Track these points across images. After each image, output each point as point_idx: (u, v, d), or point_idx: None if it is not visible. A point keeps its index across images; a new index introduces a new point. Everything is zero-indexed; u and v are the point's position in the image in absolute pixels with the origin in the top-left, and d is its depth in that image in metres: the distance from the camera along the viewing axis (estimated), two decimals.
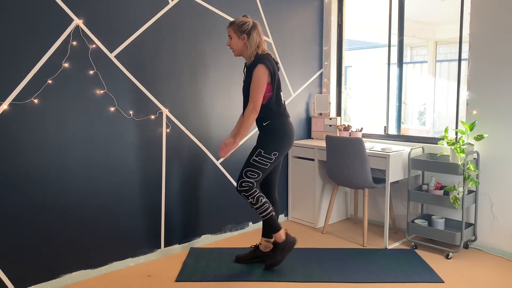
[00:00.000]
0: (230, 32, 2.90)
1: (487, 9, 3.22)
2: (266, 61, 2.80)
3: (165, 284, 2.82)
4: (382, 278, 2.88)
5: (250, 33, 2.85)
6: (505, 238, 3.24)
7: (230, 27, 2.90)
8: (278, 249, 2.96)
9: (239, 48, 2.90)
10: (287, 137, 2.92)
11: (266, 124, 2.89)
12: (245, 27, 2.85)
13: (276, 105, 2.89)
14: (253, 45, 2.85)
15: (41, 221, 2.67)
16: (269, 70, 2.80)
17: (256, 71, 2.80)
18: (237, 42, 2.88)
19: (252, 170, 2.84)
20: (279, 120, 2.89)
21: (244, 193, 2.84)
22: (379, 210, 4.04)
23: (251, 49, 2.86)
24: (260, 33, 2.90)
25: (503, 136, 3.21)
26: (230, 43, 2.92)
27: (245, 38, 2.86)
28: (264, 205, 2.86)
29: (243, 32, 2.85)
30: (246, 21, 2.88)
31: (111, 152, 2.95)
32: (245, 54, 2.91)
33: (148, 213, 3.18)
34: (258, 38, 2.87)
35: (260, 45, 2.87)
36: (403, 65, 3.93)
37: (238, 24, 2.87)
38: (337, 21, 4.32)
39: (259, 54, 2.85)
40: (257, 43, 2.86)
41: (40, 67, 2.59)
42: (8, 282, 2.56)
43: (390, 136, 3.97)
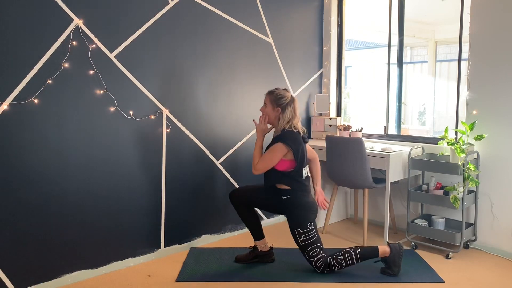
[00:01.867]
0: (266, 101, 2.94)
1: (487, 9, 3.22)
2: (288, 141, 2.82)
3: (165, 284, 2.82)
4: (382, 279, 2.88)
5: (285, 108, 2.87)
6: (505, 238, 3.24)
7: (267, 96, 2.94)
8: (390, 262, 2.89)
9: (271, 118, 2.94)
10: (311, 204, 2.93)
11: (285, 198, 2.89)
12: (282, 101, 2.88)
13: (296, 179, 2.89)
14: (285, 120, 2.87)
15: (41, 221, 2.67)
16: (289, 150, 2.82)
17: (274, 146, 2.84)
18: (271, 113, 2.92)
19: (310, 249, 2.87)
20: (299, 192, 2.90)
21: (328, 270, 2.88)
22: (379, 210, 4.04)
23: (282, 123, 2.88)
24: (296, 108, 2.91)
25: (503, 136, 3.21)
26: (264, 110, 2.96)
27: (279, 111, 2.88)
28: (346, 257, 2.87)
29: (279, 105, 2.88)
30: (285, 95, 2.90)
31: (111, 152, 2.95)
32: (275, 124, 2.95)
33: (148, 213, 3.18)
34: (292, 114, 2.88)
35: (291, 120, 2.88)
36: (403, 65, 3.93)
37: (276, 96, 2.89)
38: (337, 21, 4.32)
39: (285, 131, 2.87)
40: (289, 118, 2.87)
41: (40, 67, 2.59)
42: (8, 282, 2.56)
43: (390, 136, 3.97)
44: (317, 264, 2.88)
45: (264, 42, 3.84)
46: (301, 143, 2.87)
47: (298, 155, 2.84)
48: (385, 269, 2.92)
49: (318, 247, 2.88)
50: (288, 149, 2.82)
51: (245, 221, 3.11)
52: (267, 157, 2.85)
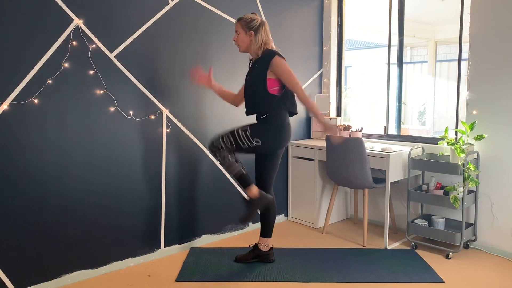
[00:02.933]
0: (237, 28, 2.93)
1: (487, 9, 3.22)
2: (280, 54, 2.84)
3: (165, 284, 2.82)
4: (382, 278, 2.88)
5: (257, 30, 2.87)
6: (505, 238, 3.24)
7: (238, 23, 2.93)
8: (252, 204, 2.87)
9: (245, 43, 2.92)
10: (283, 133, 2.90)
11: (263, 118, 2.88)
12: (253, 24, 2.88)
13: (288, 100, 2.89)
14: (259, 42, 2.87)
15: (41, 221, 2.67)
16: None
17: (280, 64, 2.81)
18: (244, 38, 2.90)
19: (229, 138, 2.83)
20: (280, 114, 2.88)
21: (212, 151, 2.86)
22: (379, 210, 4.04)
23: (256, 45, 2.88)
24: (268, 31, 2.92)
25: (503, 136, 3.21)
26: (237, 38, 2.94)
27: (252, 34, 2.88)
28: (231, 163, 2.83)
29: (251, 28, 2.88)
30: (255, 18, 2.90)
31: (111, 152, 2.95)
32: (251, 50, 2.93)
33: (148, 213, 3.18)
34: (265, 37, 2.89)
35: (267, 42, 2.89)
36: (403, 65, 3.93)
37: (246, 20, 2.89)
38: (337, 21, 4.32)
39: (269, 49, 2.87)
40: (263, 40, 2.88)
41: (40, 67, 2.59)
42: (8, 282, 2.56)
43: (390, 136, 3.97)
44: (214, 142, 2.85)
45: None
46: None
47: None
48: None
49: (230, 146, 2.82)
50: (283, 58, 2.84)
51: (262, 214, 3.06)
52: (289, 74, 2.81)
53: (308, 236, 3.72)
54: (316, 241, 3.60)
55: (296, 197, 4.11)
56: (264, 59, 2.84)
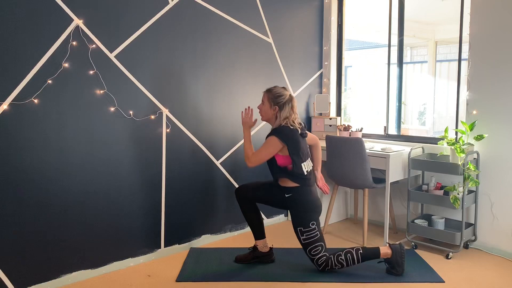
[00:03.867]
0: (264, 98, 2.94)
1: (487, 9, 3.22)
2: (283, 136, 2.82)
3: (165, 284, 2.82)
4: (382, 278, 2.88)
5: (283, 107, 2.86)
6: (505, 238, 3.24)
7: (265, 94, 2.93)
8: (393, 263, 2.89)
9: (268, 116, 2.93)
10: (314, 203, 2.91)
11: (288, 196, 2.89)
12: (280, 100, 2.87)
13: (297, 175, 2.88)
14: (282, 118, 2.87)
15: (41, 221, 2.67)
16: (283, 145, 2.81)
17: (269, 140, 2.85)
18: (268, 111, 2.91)
19: (312, 248, 2.87)
20: (302, 190, 2.89)
21: (329, 268, 2.89)
22: (379, 210, 4.04)
23: (279, 121, 2.88)
24: (294, 107, 2.90)
25: (503, 136, 3.21)
26: (261, 107, 2.95)
27: (276, 109, 2.88)
28: (348, 257, 2.87)
29: (277, 103, 2.87)
30: (283, 94, 2.89)
31: (111, 152, 2.95)
32: (272, 122, 2.95)
33: (148, 213, 3.18)
34: (289, 112, 2.87)
35: (288, 117, 2.87)
36: (403, 65, 3.93)
37: (275, 95, 2.89)
38: (337, 21, 4.32)
39: (281, 126, 2.86)
40: (285, 116, 2.87)
41: (40, 67, 2.59)
42: (8, 282, 2.56)
43: (390, 136, 3.97)
44: (319, 262, 2.88)
45: (264, 42, 3.84)
46: (296, 137, 2.85)
47: (293, 150, 2.83)
48: (389, 269, 2.92)
49: (320, 246, 2.88)
50: (282, 144, 2.82)
51: (247, 219, 3.11)
52: (262, 151, 2.85)
53: None
54: None
55: None
56: (273, 132, 2.88)
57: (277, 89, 2.92)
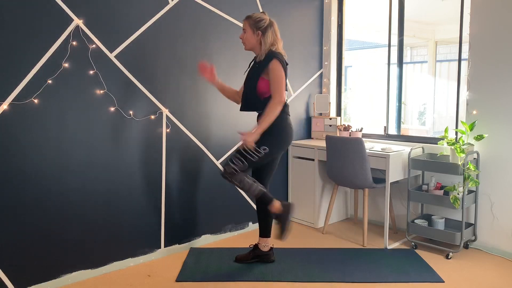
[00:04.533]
0: (245, 26, 2.89)
1: (487, 9, 3.22)
2: (280, 57, 2.80)
3: (165, 284, 2.82)
4: (382, 278, 2.88)
5: (265, 31, 2.84)
6: (505, 238, 3.24)
7: (246, 21, 2.88)
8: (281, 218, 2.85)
9: (252, 43, 2.88)
10: (285, 135, 2.87)
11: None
12: (262, 24, 2.84)
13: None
14: (267, 43, 2.83)
15: (41, 221, 2.67)
16: (283, 66, 2.80)
17: (274, 67, 2.77)
18: (251, 37, 2.87)
19: (238, 158, 2.79)
20: (280, 117, 2.83)
21: (229, 180, 2.81)
22: (379, 210, 4.04)
23: (264, 46, 2.84)
24: (276, 31, 2.87)
25: (503, 136, 3.21)
26: (243, 36, 2.90)
27: (260, 35, 2.84)
28: (251, 184, 2.81)
29: (259, 28, 2.84)
30: (263, 18, 2.86)
31: (111, 152, 2.95)
32: (257, 50, 2.90)
33: (148, 213, 3.18)
34: (273, 37, 2.85)
35: (274, 43, 2.85)
36: (403, 65, 3.93)
37: (255, 20, 2.85)
38: (337, 21, 4.32)
39: (272, 51, 2.83)
40: (271, 41, 2.84)
41: (40, 67, 2.59)
42: (8, 282, 2.56)
43: (390, 136, 3.97)
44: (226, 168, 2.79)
45: None
46: (285, 64, 2.84)
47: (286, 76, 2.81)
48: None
49: (242, 165, 2.76)
50: (282, 65, 2.78)
51: (259, 213, 3.07)
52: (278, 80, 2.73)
53: (308, 236, 3.72)
54: (316, 241, 3.60)
55: (296, 197, 4.11)
56: (264, 60, 2.83)
57: (256, 14, 2.89)
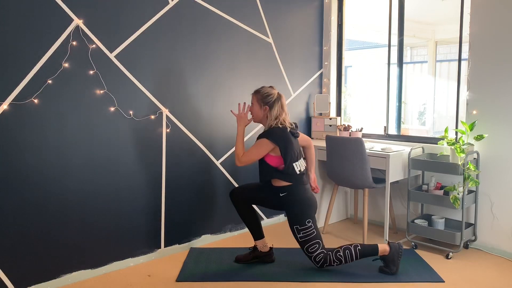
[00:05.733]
0: (253, 100, 2.96)
1: (487, 9, 3.22)
2: (274, 137, 2.83)
3: (165, 284, 2.82)
4: (382, 278, 2.88)
5: (272, 106, 2.88)
6: (505, 238, 3.24)
7: (254, 95, 2.95)
8: (389, 261, 2.90)
9: (259, 117, 2.95)
10: (308, 201, 2.92)
11: (283, 196, 2.89)
12: (269, 99, 2.89)
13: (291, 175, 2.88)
14: (272, 117, 2.88)
15: (41, 221, 2.67)
16: (275, 146, 2.83)
17: (260, 141, 2.86)
18: (258, 111, 2.93)
19: (309, 245, 2.87)
20: (295, 189, 2.89)
21: (327, 264, 2.89)
22: (379, 210, 4.04)
23: (270, 120, 2.89)
24: (283, 105, 2.92)
25: (503, 136, 3.21)
26: (251, 109, 2.98)
27: (267, 109, 2.90)
28: (346, 254, 2.87)
29: (266, 103, 2.89)
30: (271, 93, 2.91)
31: (111, 152, 2.95)
32: (264, 122, 2.96)
33: (148, 213, 3.18)
34: (279, 111, 2.89)
35: (279, 116, 2.89)
36: (403, 65, 3.93)
37: (263, 95, 2.90)
38: (337, 21, 4.32)
39: (272, 127, 2.87)
40: (276, 114, 2.88)
41: (40, 67, 2.59)
42: (8, 282, 2.56)
43: (390, 136, 3.97)
44: (317, 259, 2.89)
45: (264, 42, 3.84)
46: (288, 138, 2.86)
47: (285, 150, 2.83)
48: (383, 267, 2.93)
49: (317, 243, 2.88)
50: (274, 144, 2.83)
51: (244, 220, 3.11)
52: (252, 151, 2.86)
53: None
54: None
55: None
56: (264, 134, 2.88)
57: (264, 89, 2.94)
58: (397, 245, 2.91)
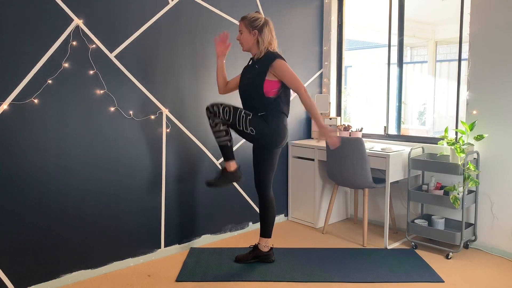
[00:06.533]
0: (241, 27, 2.91)
1: (487, 9, 3.22)
2: (282, 57, 2.83)
3: (165, 284, 2.82)
4: (382, 278, 2.88)
5: (262, 29, 2.85)
6: (505, 238, 3.24)
7: (241, 22, 2.90)
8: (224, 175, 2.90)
9: (249, 43, 2.89)
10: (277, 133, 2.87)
11: (261, 115, 2.85)
12: (257, 23, 2.85)
13: (282, 102, 2.87)
14: (265, 41, 2.85)
15: (41, 221, 2.67)
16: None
17: (282, 67, 2.79)
18: (248, 37, 2.88)
19: (230, 111, 2.79)
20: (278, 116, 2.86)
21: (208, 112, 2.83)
22: (379, 210, 4.04)
23: (262, 45, 2.85)
24: (272, 30, 2.89)
25: (503, 136, 3.21)
26: (240, 37, 2.92)
27: (256, 34, 2.86)
28: (221, 132, 2.82)
29: (255, 27, 2.85)
30: (258, 17, 2.88)
31: (111, 152, 2.95)
32: (254, 50, 2.91)
33: (148, 213, 3.18)
34: (270, 35, 2.87)
35: (271, 42, 2.87)
36: (403, 65, 3.93)
37: (250, 19, 2.87)
38: (337, 21, 4.32)
39: (271, 51, 2.85)
40: (268, 40, 2.86)
41: (40, 67, 2.59)
42: (8, 282, 2.56)
43: (390, 136, 3.97)
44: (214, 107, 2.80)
45: None
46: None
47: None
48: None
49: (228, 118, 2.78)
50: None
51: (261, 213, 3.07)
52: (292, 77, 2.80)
53: (308, 236, 3.72)
54: (316, 241, 3.60)
55: (296, 197, 4.11)
56: (265, 61, 2.83)
57: (251, 13, 2.91)
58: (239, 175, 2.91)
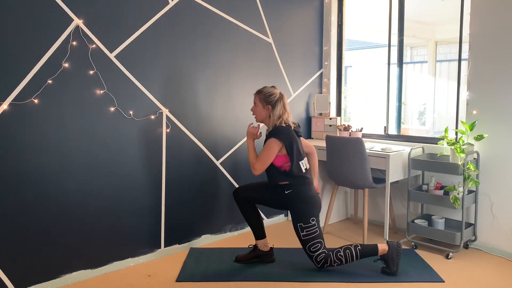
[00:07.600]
0: (256, 100, 2.98)
1: (487, 9, 3.22)
2: (281, 136, 2.85)
3: (165, 284, 2.82)
4: (382, 278, 2.88)
5: (275, 105, 2.91)
6: (505, 238, 3.24)
7: (256, 95, 2.97)
8: (389, 260, 2.90)
9: (262, 116, 2.97)
10: (313, 199, 2.93)
11: (288, 193, 2.91)
12: (271, 99, 2.91)
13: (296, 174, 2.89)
14: (276, 116, 2.90)
15: (41, 221, 2.67)
16: (282, 144, 2.85)
17: (268, 143, 2.88)
18: (261, 111, 2.95)
19: (311, 244, 2.88)
20: (301, 187, 2.91)
21: (327, 265, 2.90)
22: (379, 210, 4.04)
23: (273, 120, 2.91)
24: (285, 104, 2.95)
25: (503, 136, 3.21)
26: (254, 109, 2.99)
27: (269, 109, 2.92)
28: (347, 254, 2.88)
29: (269, 103, 2.91)
30: (274, 92, 2.93)
31: (111, 152, 2.95)
32: (266, 122, 2.98)
33: (148, 213, 3.18)
34: (282, 110, 2.92)
35: (282, 116, 2.91)
36: (403, 65, 3.93)
37: (265, 94, 2.93)
38: (337, 21, 4.32)
39: (277, 126, 2.89)
40: (279, 114, 2.90)
41: (40, 67, 2.59)
42: (8, 282, 2.56)
43: (390, 136, 3.97)
44: (318, 259, 2.89)
45: (264, 42, 3.84)
46: (293, 136, 2.89)
47: (291, 149, 2.85)
48: (384, 268, 2.93)
49: (319, 242, 2.89)
50: (281, 143, 2.85)
51: (247, 219, 3.12)
52: (263, 155, 2.88)
53: None
54: None
55: None
56: (269, 135, 2.91)
57: (267, 88, 2.97)
58: (396, 244, 2.91)
